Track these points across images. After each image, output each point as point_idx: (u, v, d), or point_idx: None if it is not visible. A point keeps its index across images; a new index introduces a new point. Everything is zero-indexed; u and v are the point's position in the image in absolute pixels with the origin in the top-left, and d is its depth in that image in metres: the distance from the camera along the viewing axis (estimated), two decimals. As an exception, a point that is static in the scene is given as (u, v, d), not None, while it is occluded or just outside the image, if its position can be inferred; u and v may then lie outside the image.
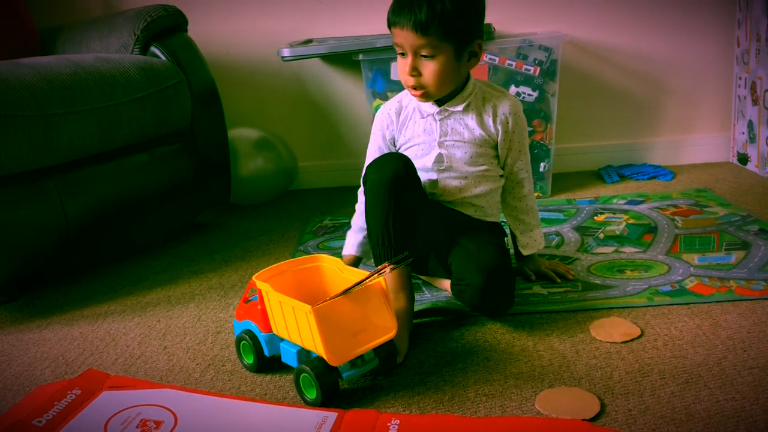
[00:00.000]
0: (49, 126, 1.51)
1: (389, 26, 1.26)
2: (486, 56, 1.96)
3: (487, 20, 2.04)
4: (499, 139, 1.34)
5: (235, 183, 2.06)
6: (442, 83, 1.26)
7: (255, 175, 2.11)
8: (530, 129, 2.04)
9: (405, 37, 1.22)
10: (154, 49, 1.87)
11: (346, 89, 2.34)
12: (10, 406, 1.10)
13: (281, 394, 1.10)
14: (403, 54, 1.26)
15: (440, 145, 1.33)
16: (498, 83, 1.99)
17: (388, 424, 0.98)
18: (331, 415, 1.01)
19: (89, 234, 1.63)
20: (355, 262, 1.44)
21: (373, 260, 1.30)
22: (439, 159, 1.33)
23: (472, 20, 1.26)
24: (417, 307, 1.34)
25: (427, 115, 1.34)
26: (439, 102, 1.33)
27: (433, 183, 1.34)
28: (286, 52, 2.03)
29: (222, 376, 1.17)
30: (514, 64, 1.97)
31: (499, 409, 1.02)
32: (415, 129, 1.35)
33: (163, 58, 1.86)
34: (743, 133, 2.23)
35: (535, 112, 2.02)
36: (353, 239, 1.44)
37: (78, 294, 1.60)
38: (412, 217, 1.26)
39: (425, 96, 1.29)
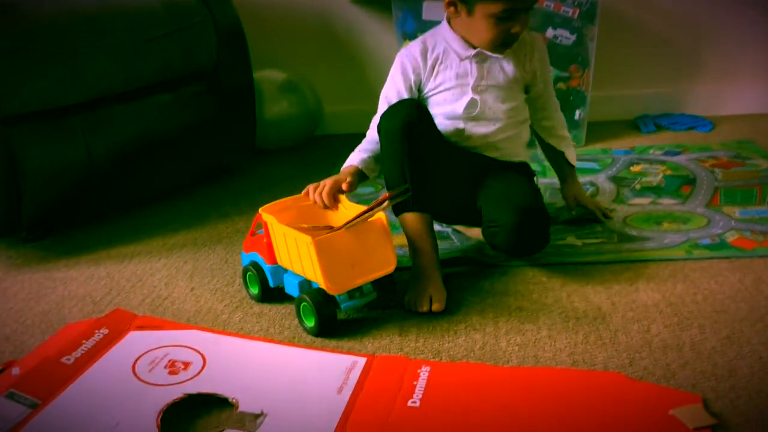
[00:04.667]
0: (73, 61, 1.47)
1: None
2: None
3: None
4: (536, 77, 1.31)
5: (260, 126, 2.02)
6: None
7: (280, 119, 2.07)
8: (566, 75, 1.96)
9: (522, 2, 1.18)
10: (179, -15, 1.81)
11: (375, 30, 2.26)
12: (39, 343, 1.10)
13: (310, 338, 1.09)
14: (511, 17, 1.18)
15: (474, 89, 1.27)
16: (535, 25, 1.91)
17: (418, 370, 0.97)
18: (360, 360, 1.00)
19: (114, 174, 1.62)
20: (357, 174, 1.26)
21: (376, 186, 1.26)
22: (472, 104, 1.27)
23: None
24: (445, 254, 1.31)
25: (465, 58, 1.27)
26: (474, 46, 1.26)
27: (459, 132, 1.28)
28: (314, -10, 1.95)
29: (250, 318, 1.16)
30: (552, 5, 1.88)
31: (532, 360, 1.00)
32: (447, 73, 1.28)
33: (188, -6, 1.79)
34: (789, 83, 2.13)
35: (573, 56, 1.94)
36: (357, 155, 1.29)
37: (105, 234, 1.59)
38: (429, 163, 1.21)
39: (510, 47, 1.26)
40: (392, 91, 1.30)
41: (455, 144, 1.29)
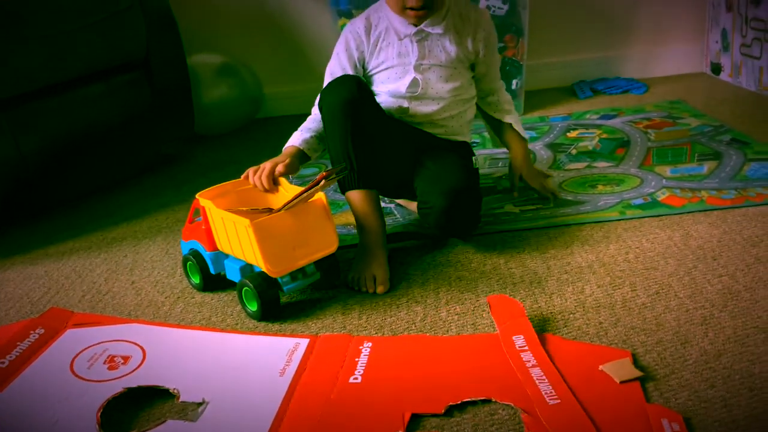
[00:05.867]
0: (-9, 57, 1.42)
1: None
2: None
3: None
4: (479, 57, 1.29)
5: (198, 112, 1.99)
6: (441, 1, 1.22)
7: (219, 103, 2.04)
8: (501, 45, 1.97)
9: None
10: (101, -29, 1.75)
11: (310, 9, 2.24)
12: (-25, 348, 1.07)
13: (253, 324, 1.09)
14: None
15: (416, 68, 1.26)
16: (467, -3, 1.91)
17: (360, 347, 0.98)
18: (303, 341, 1.00)
19: (49, 171, 1.57)
20: (297, 155, 1.25)
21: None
22: (414, 84, 1.26)
23: None
24: (388, 230, 1.32)
25: (405, 37, 1.25)
26: (416, 22, 1.24)
27: (403, 110, 1.28)
28: (243, -29, 1.92)
29: (192, 308, 1.15)
30: (482, -25, 1.89)
31: (471, 328, 1.02)
32: (389, 51, 1.27)
33: (112, -20, 1.74)
34: (717, 42, 2.19)
35: (507, 26, 1.95)
36: (298, 135, 1.28)
37: (41, 232, 1.55)
38: (373, 138, 1.21)
39: (426, 17, 1.22)
40: (337, 67, 1.29)
41: (399, 119, 1.29)
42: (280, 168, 1.17)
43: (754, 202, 1.30)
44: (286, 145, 1.27)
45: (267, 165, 1.18)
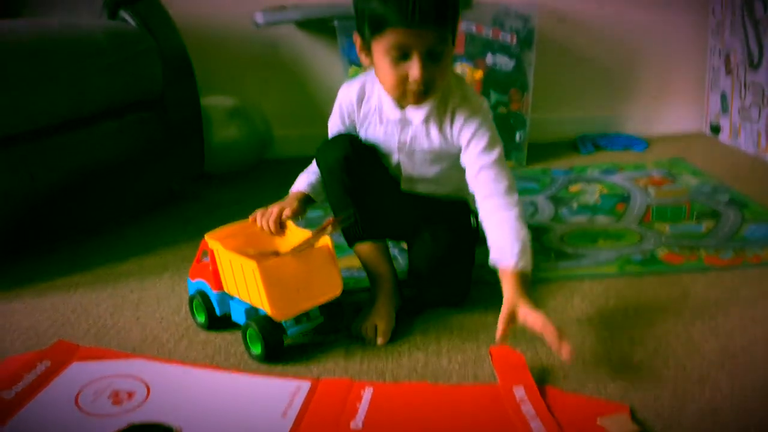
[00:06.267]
0: (13, 92, 1.46)
1: (382, 27, 1.04)
2: (463, 24, 1.94)
3: (463, -13, 2.01)
4: (463, 150, 1.17)
5: (208, 152, 2.03)
6: (443, 83, 1.11)
7: (229, 144, 2.08)
8: (506, 99, 2.03)
9: (414, 37, 1.02)
10: (123, 14, 1.81)
11: (322, 56, 2.31)
12: (-20, 377, 1.08)
13: (255, 364, 1.10)
14: (403, 58, 1.05)
15: (400, 150, 1.22)
16: (475, 52, 1.98)
17: (362, 392, 0.99)
18: (304, 384, 1.01)
19: (59, 204, 1.60)
20: (303, 199, 1.26)
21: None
22: (398, 166, 1.25)
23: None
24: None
25: (387, 122, 1.20)
26: (401, 104, 1.18)
27: (396, 179, 1.27)
28: (260, 18, 1.99)
29: (196, 346, 1.17)
30: (490, 32, 1.96)
31: (472, 377, 1.03)
32: (376, 129, 1.22)
33: (133, 23, 1.80)
34: (716, 104, 2.25)
35: (512, 81, 2.01)
36: (304, 178, 1.29)
37: (49, 265, 1.57)
38: (372, 191, 1.21)
39: (423, 101, 1.13)
40: (334, 125, 1.28)
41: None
42: (287, 212, 1.20)
43: (752, 264, 1.33)
44: (293, 188, 1.30)
45: (274, 209, 1.20)
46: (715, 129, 2.27)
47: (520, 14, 1.96)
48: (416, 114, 1.16)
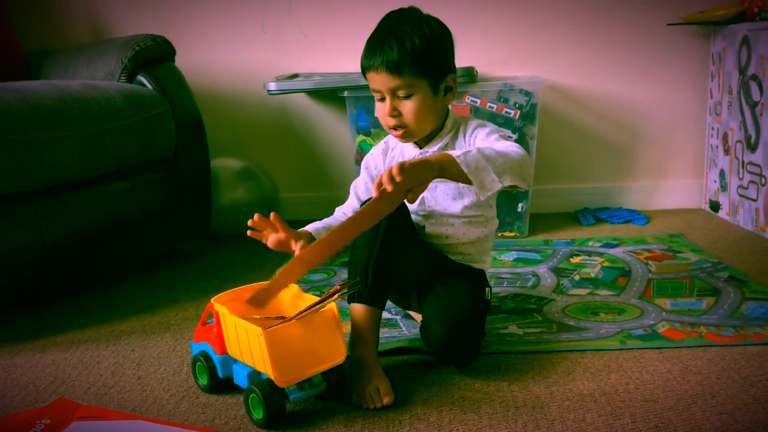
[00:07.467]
0: (31, 150, 1.51)
1: (364, 73, 1.28)
2: (468, 98, 2.01)
3: (469, 63, 2.10)
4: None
5: (215, 212, 2.06)
6: (423, 120, 1.28)
7: (236, 205, 2.12)
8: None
9: (381, 80, 1.25)
10: (140, 78, 1.88)
11: (331, 124, 2.37)
12: (-23, 434, 1.08)
13: (256, 430, 1.10)
14: (382, 99, 1.28)
15: None
16: (479, 124, 2.03)
17: (362, 461, 0.98)
18: (304, 452, 1.01)
19: (67, 259, 1.62)
20: (308, 237, 1.32)
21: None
22: (422, 202, 1.34)
23: (442, 55, 1.28)
24: (394, 344, 1.35)
25: (410, 158, 1.33)
26: (421, 144, 1.35)
27: (421, 228, 1.36)
28: (272, 86, 2.05)
29: (196, 409, 1.16)
30: (495, 107, 2.02)
31: (473, 449, 1.03)
32: None
33: (150, 87, 1.87)
34: (715, 182, 2.30)
35: (515, 153, 2.06)
36: (313, 224, 1.37)
37: (52, 320, 1.58)
38: (397, 258, 1.25)
39: (407, 136, 1.30)
40: (361, 185, 1.44)
41: (425, 240, 1.35)
42: (298, 247, 1.25)
43: (752, 342, 1.33)
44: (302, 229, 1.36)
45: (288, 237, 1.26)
46: (715, 206, 2.31)
47: (524, 90, 2.02)
48: (433, 148, 1.32)
